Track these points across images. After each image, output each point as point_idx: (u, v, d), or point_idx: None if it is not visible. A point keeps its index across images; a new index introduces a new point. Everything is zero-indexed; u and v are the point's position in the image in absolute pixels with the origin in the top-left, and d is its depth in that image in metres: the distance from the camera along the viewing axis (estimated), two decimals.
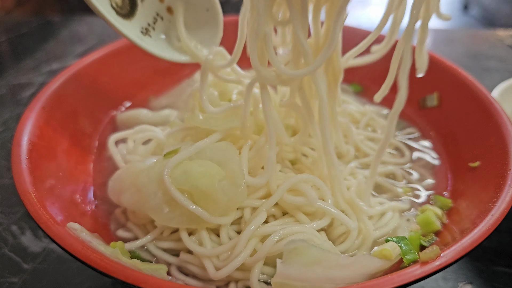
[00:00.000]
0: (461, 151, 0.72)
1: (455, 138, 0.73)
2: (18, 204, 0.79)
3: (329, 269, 0.50)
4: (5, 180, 0.84)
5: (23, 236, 0.74)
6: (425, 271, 0.47)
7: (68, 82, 0.77)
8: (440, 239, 0.59)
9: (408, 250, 0.54)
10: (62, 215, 0.57)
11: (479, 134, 0.69)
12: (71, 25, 1.50)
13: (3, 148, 0.93)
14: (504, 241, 0.72)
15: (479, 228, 0.50)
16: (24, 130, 0.64)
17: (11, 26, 1.57)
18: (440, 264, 0.47)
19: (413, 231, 0.60)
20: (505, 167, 0.59)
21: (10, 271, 0.68)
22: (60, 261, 0.69)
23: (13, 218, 0.77)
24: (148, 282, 0.45)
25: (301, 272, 0.50)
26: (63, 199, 0.62)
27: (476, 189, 0.63)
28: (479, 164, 0.66)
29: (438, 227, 0.61)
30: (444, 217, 0.63)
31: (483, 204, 0.56)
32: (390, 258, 0.53)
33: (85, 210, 0.65)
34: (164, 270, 0.55)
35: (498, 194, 0.55)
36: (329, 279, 0.50)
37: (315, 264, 0.50)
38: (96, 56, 0.84)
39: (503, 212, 0.52)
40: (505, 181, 0.56)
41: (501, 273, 0.67)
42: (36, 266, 0.68)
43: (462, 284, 0.65)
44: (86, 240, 0.53)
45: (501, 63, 1.26)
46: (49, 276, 0.67)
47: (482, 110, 0.69)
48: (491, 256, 0.70)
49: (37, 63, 1.27)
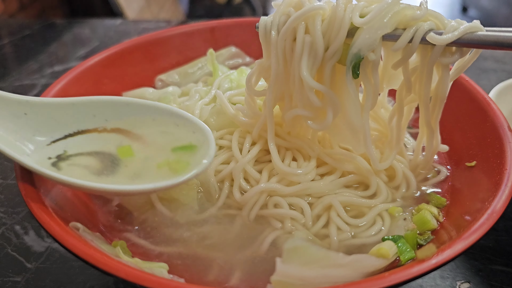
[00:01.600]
0: (458, 151, 0.72)
1: (452, 138, 0.73)
2: (21, 204, 0.80)
3: (328, 267, 0.51)
4: (9, 181, 0.85)
5: (26, 235, 0.75)
6: (422, 269, 0.47)
7: (70, 84, 0.78)
8: (436, 238, 0.59)
9: (404, 248, 0.55)
10: (64, 215, 0.57)
11: (475, 134, 0.70)
12: (73, 27, 1.51)
13: None
14: (502, 239, 0.73)
15: (476, 227, 0.51)
16: None
17: (14, 29, 1.58)
18: (436, 262, 0.48)
19: (409, 230, 0.61)
20: (501, 166, 0.59)
21: (13, 270, 0.69)
22: (63, 261, 0.70)
23: (16, 218, 0.78)
24: (150, 280, 0.46)
25: (300, 270, 0.51)
26: (65, 199, 0.63)
27: (473, 188, 0.64)
28: (476, 163, 0.67)
29: (434, 226, 0.61)
30: (440, 216, 0.64)
31: (480, 203, 0.57)
32: (387, 257, 0.53)
33: (88, 209, 0.66)
34: (165, 269, 0.55)
35: (495, 193, 0.55)
36: (327, 277, 0.51)
37: (314, 263, 0.51)
38: (98, 58, 0.85)
39: (499, 211, 0.53)
40: (501, 180, 0.57)
41: (498, 271, 0.68)
42: (39, 265, 0.69)
43: (460, 283, 0.66)
44: (88, 239, 0.54)
45: (498, 63, 1.27)
46: (52, 275, 0.68)
47: (479, 110, 0.70)
48: (488, 254, 0.70)
49: (40, 65, 1.28)
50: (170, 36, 0.95)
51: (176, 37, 0.95)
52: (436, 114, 0.64)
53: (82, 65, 0.82)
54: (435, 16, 0.58)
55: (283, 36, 0.60)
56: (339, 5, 0.58)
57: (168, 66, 0.95)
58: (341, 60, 0.59)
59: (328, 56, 0.59)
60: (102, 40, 1.46)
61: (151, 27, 1.56)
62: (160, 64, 0.94)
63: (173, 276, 0.56)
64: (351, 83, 0.60)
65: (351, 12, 0.57)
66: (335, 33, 0.58)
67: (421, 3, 0.58)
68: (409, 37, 0.57)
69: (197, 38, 0.97)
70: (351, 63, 0.58)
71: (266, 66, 0.65)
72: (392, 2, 0.56)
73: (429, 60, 0.59)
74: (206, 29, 0.97)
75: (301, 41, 0.59)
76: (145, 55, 0.92)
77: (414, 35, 0.57)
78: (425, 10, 0.57)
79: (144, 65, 0.92)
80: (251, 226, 0.64)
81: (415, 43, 0.57)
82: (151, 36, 0.94)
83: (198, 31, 0.97)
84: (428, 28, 0.56)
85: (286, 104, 0.66)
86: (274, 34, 0.61)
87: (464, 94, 0.74)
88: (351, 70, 0.59)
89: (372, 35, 0.57)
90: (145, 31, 1.49)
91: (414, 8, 0.57)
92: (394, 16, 0.57)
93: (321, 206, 0.64)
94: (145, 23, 1.64)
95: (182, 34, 0.96)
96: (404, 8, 0.57)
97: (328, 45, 0.59)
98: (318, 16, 0.59)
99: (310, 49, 0.59)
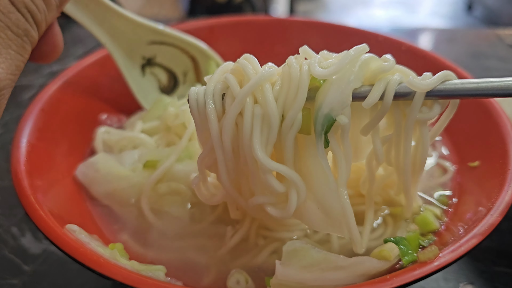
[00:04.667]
0: (461, 151, 0.71)
1: (454, 138, 0.73)
2: (18, 206, 0.79)
3: (328, 270, 0.50)
4: (5, 182, 0.84)
5: (23, 237, 0.74)
6: (424, 271, 0.46)
7: (67, 84, 0.77)
8: (439, 239, 0.58)
9: (406, 250, 0.54)
10: (61, 217, 0.57)
11: (478, 134, 0.69)
12: (71, 27, 1.50)
13: (3, 150, 0.93)
14: (505, 241, 0.72)
15: (478, 228, 0.50)
16: (23, 132, 0.64)
17: None
18: (439, 264, 0.47)
19: (411, 231, 0.60)
20: (505, 166, 0.58)
21: (10, 273, 0.68)
22: (60, 263, 0.69)
23: (13, 220, 0.77)
24: (147, 283, 0.45)
25: (299, 273, 0.50)
26: (62, 201, 0.62)
27: (476, 189, 0.63)
28: (479, 163, 0.66)
29: (436, 227, 0.60)
30: (443, 216, 0.63)
31: (483, 204, 0.56)
32: (389, 259, 0.53)
33: (84, 211, 0.66)
34: (163, 272, 0.55)
35: (498, 194, 0.55)
36: (328, 280, 0.50)
37: (314, 265, 0.51)
38: (95, 58, 0.84)
39: (502, 212, 0.52)
40: (505, 181, 0.56)
41: (502, 273, 0.67)
42: (36, 267, 0.69)
43: (463, 285, 0.65)
44: (85, 242, 0.53)
45: (501, 62, 1.26)
46: (49, 277, 0.67)
47: (481, 110, 0.69)
48: (492, 256, 0.69)
49: (38, 65, 1.27)
50: None
51: None
52: (416, 180, 0.57)
53: (80, 64, 0.82)
54: (401, 69, 0.51)
55: (238, 105, 0.48)
56: (291, 65, 0.49)
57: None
58: (303, 129, 0.49)
59: (286, 127, 0.49)
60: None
61: None
62: None
63: (171, 279, 0.56)
64: (322, 156, 0.50)
65: (308, 66, 0.48)
66: (292, 96, 0.48)
67: (384, 56, 0.51)
68: (381, 90, 0.49)
69: (196, 36, 0.96)
70: (323, 128, 0.48)
71: (209, 154, 0.53)
72: (358, 51, 0.49)
73: (408, 117, 0.51)
74: (205, 27, 0.96)
75: (250, 114, 0.48)
76: None
77: (386, 88, 0.49)
78: (392, 61, 0.50)
79: None
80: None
81: (389, 97, 0.49)
82: None
83: (197, 29, 0.96)
84: (400, 81, 0.49)
85: (243, 189, 0.55)
86: (211, 106, 0.50)
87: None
88: (323, 137, 0.49)
89: (344, 89, 0.47)
90: None
91: (379, 60, 0.51)
92: (363, 66, 0.49)
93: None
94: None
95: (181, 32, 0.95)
96: (369, 59, 0.50)
97: (284, 114, 0.49)
98: (265, 84, 0.49)
99: (262, 121, 0.48)
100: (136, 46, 0.81)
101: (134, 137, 0.74)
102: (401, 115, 0.52)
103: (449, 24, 3.79)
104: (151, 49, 0.83)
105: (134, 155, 0.70)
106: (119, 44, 0.79)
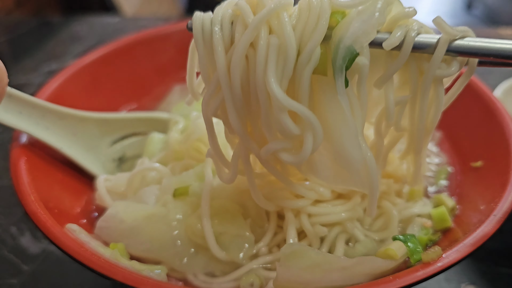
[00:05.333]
0: (463, 151, 0.71)
1: (457, 138, 0.72)
2: (17, 205, 0.78)
3: (330, 271, 0.50)
4: (4, 181, 0.84)
5: (22, 237, 0.73)
6: (427, 272, 0.46)
7: (66, 82, 0.76)
8: (442, 239, 0.58)
9: (415, 248, 0.53)
10: (60, 216, 0.56)
11: (481, 133, 0.68)
12: (70, 25, 1.49)
13: (2, 149, 0.92)
14: (508, 242, 0.71)
15: (481, 229, 0.50)
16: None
17: (10, 26, 1.57)
18: (442, 265, 0.47)
19: (424, 226, 0.60)
20: (508, 166, 0.58)
21: (9, 272, 0.68)
22: (60, 263, 0.69)
23: (12, 219, 0.77)
24: (147, 283, 0.45)
25: (300, 275, 0.49)
26: (61, 200, 0.62)
27: (479, 189, 0.63)
28: (482, 164, 0.66)
29: (450, 224, 0.60)
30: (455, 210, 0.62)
31: (486, 204, 0.56)
32: (395, 258, 0.52)
33: (85, 210, 0.65)
34: (164, 272, 0.54)
35: (501, 194, 0.54)
36: (330, 281, 0.49)
37: (315, 267, 0.50)
38: (95, 56, 0.84)
39: (505, 212, 0.52)
40: (508, 181, 0.56)
41: (504, 274, 0.67)
42: (35, 267, 0.68)
43: (465, 285, 0.65)
44: (84, 241, 0.53)
45: None
46: (48, 277, 0.67)
47: (484, 109, 0.69)
48: (494, 257, 0.69)
49: (37, 63, 1.26)
50: (169, 33, 0.93)
51: (176, 34, 0.94)
52: (427, 142, 0.54)
53: (79, 63, 0.81)
54: (419, 23, 0.47)
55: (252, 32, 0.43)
56: None
57: (168, 63, 0.94)
58: (319, 67, 0.44)
59: (302, 63, 0.44)
60: (99, 37, 1.44)
61: (150, 24, 1.54)
62: (159, 61, 0.93)
63: (171, 279, 0.55)
64: (343, 95, 0.45)
65: None
66: (311, 27, 0.43)
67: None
68: (403, 35, 0.45)
69: None
70: (344, 61, 0.43)
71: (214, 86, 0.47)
72: None
73: (427, 73, 0.47)
74: None
75: (265, 44, 0.43)
76: (144, 52, 0.91)
77: (405, 35, 0.45)
78: (414, 9, 0.46)
79: (143, 62, 0.91)
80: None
81: (408, 44, 0.44)
82: (149, 33, 0.92)
83: None
84: (419, 31, 0.45)
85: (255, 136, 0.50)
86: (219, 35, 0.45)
87: (469, 92, 0.73)
88: (344, 73, 0.44)
89: (369, 19, 0.43)
90: (144, 28, 1.47)
91: (402, 5, 0.47)
92: (385, 6, 0.44)
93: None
94: (143, 20, 1.62)
95: (181, 30, 0.94)
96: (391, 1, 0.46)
97: (300, 48, 0.44)
98: (283, 12, 0.44)
99: (278, 53, 0.44)
100: (98, 151, 0.74)
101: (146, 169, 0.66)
102: (417, 72, 0.48)
103: (448, 22, 3.77)
104: (116, 148, 0.76)
105: (154, 190, 0.63)
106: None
